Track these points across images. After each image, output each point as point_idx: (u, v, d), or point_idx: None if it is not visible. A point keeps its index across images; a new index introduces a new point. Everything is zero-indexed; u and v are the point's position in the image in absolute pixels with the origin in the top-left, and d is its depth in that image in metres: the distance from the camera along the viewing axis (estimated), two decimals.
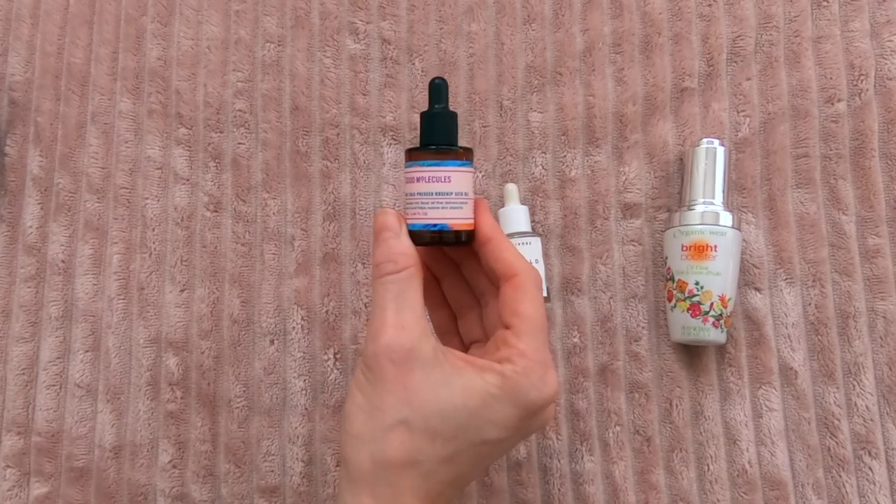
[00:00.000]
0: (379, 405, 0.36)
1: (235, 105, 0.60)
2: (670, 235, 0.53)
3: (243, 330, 0.57)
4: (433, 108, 0.39)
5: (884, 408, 0.52)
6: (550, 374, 0.37)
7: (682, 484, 0.52)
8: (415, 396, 0.35)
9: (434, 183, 0.38)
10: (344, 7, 0.60)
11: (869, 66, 0.55)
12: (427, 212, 0.38)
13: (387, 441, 0.35)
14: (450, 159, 0.38)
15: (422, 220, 0.38)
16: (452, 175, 0.38)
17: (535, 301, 0.38)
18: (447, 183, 0.38)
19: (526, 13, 0.59)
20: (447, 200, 0.38)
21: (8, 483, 0.56)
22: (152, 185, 0.60)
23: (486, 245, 0.39)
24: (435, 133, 0.39)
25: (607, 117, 0.57)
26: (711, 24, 0.57)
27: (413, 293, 0.37)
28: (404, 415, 0.35)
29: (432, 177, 0.38)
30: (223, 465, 0.56)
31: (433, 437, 0.35)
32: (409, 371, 0.35)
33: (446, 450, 0.36)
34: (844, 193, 0.54)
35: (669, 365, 0.54)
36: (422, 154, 0.38)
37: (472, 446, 0.36)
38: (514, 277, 0.38)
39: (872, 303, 0.53)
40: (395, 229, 0.38)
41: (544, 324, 0.38)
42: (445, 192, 0.38)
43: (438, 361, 0.36)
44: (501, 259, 0.39)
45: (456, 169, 0.38)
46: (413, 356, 0.36)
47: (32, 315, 0.59)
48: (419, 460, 0.35)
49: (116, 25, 0.62)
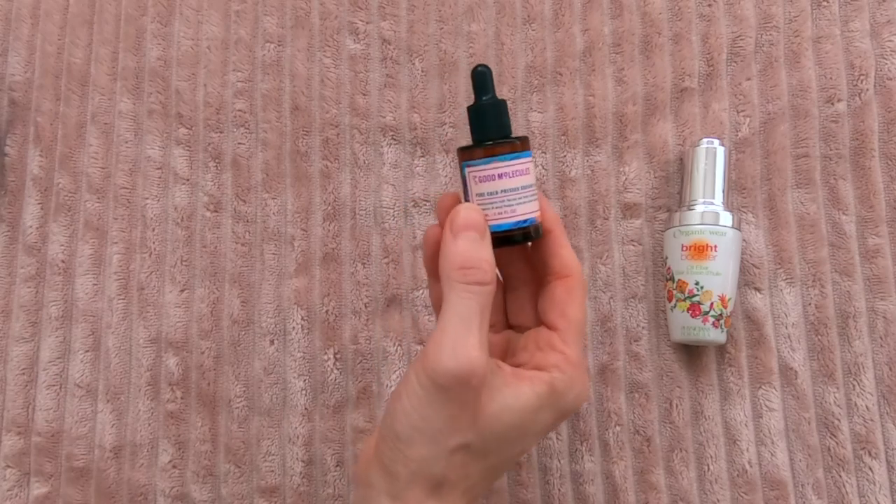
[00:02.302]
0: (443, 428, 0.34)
1: (235, 105, 0.60)
2: (670, 235, 0.53)
3: (243, 330, 0.57)
4: (482, 100, 0.36)
5: (884, 408, 0.52)
6: (587, 377, 0.37)
7: (682, 484, 0.52)
8: (480, 421, 0.34)
9: (519, 177, 0.35)
10: (344, 7, 0.60)
11: (869, 66, 0.55)
12: (516, 208, 0.35)
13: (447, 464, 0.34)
14: (527, 150, 0.36)
15: (510, 219, 0.35)
16: (529, 166, 0.36)
17: (583, 304, 0.37)
18: (526, 175, 0.36)
19: (526, 13, 0.59)
20: (531, 193, 0.36)
21: (8, 483, 0.56)
22: (152, 185, 0.60)
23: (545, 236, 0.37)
24: (501, 125, 0.36)
25: (607, 117, 0.57)
26: (711, 24, 0.57)
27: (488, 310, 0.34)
28: (468, 439, 0.34)
29: (516, 171, 0.35)
30: (223, 465, 0.56)
31: (486, 456, 0.35)
32: (478, 395, 0.33)
33: (494, 464, 0.36)
34: (844, 193, 0.54)
35: (669, 365, 0.54)
36: (503, 148, 0.35)
37: (514, 455, 0.37)
38: (568, 278, 0.37)
39: (872, 303, 0.53)
40: (482, 231, 0.35)
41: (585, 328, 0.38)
42: (528, 185, 0.36)
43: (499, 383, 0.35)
44: (559, 255, 0.37)
45: (530, 160, 0.36)
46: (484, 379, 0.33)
47: (32, 315, 0.59)
48: (470, 478, 0.35)
49: (116, 25, 0.62)
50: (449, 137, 0.58)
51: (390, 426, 0.35)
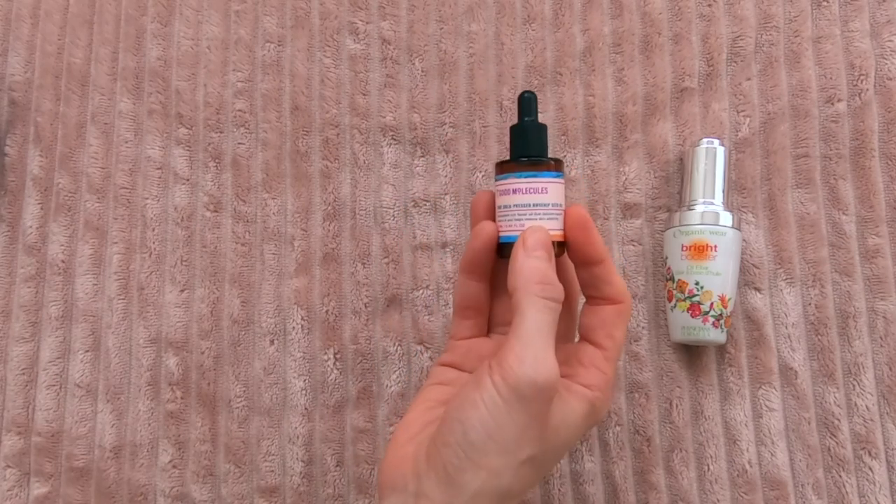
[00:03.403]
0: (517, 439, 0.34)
1: (235, 105, 0.60)
2: (670, 235, 0.53)
3: (243, 330, 0.57)
4: (523, 121, 0.39)
5: (884, 408, 0.52)
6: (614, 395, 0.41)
7: (682, 484, 0.52)
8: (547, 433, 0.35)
9: (531, 194, 0.38)
10: (344, 7, 0.60)
11: (869, 66, 0.55)
12: (524, 223, 0.38)
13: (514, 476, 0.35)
14: (545, 170, 0.38)
15: (517, 232, 0.38)
16: (549, 186, 0.38)
17: (626, 330, 0.40)
18: (544, 194, 0.38)
19: (526, 13, 0.59)
20: (544, 211, 0.38)
21: (8, 483, 0.56)
22: (152, 185, 0.60)
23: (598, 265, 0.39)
24: (529, 145, 0.39)
25: (607, 117, 0.57)
26: (711, 24, 0.57)
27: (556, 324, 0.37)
28: (535, 451, 0.35)
29: (529, 188, 0.38)
30: (223, 465, 0.56)
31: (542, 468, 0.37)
32: (549, 408, 0.35)
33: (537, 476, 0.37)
34: (844, 193, 0.54)
35: (669, 365, 0.54)
36: (517, 166, 0.38)
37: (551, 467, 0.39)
38: (621, 304, 0.40)
39: (872, 303, 0.53)
40: (550, 251, 0.37)
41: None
42: (542, 203, 0.38)
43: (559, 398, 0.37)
44: (613, 283, 0.39)
45: (551, 180, 0.38)
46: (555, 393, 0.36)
47: (32, 315, 0.59)
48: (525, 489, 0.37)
49: (116, 25, 0.62)
50: (449, 137, 0.58)
51: (463, 434, 0.35)
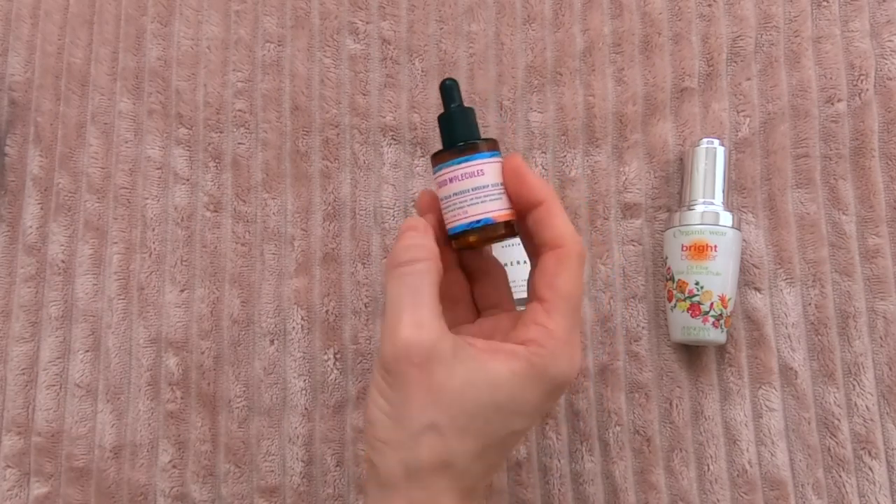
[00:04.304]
0: (405, 410, 0.34)
1: (235, 105, 0.60)
2: (670, 235, 0.53)
3: (243, 330, 0.57)
4: (448, 109, 0.38)
5: (884, 408, 0.52)
6: (575, 355, 0.35)
7: (682, 484, 0.52)
8: (440, 398, 0.34)
9: (468, 179, 0.37)
10: (344, 7, 0.60)
11: (869, 66, 0.55)
12: (467, 210, 0.37)
13: (418, 446, 0.34)
14: (478, 153, 0.37)
15: (463, 220, 0.37)
16: (485, 167, 0.37)
17: (575, 276, 0.35)
18: (480, 176, 0.37)
19: (526, 13, 0.59)
20: (485, 193, 0.37)
21: (8, 483, 0.56)
22: (152, 185, 0.60)
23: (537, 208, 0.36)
24: (456, 132, 0.38)
25: (607, 117, 0.57)
26: (711, 24, 0.57)
27: (429, 288, 0.35)
28: (432, 418, 0.34)
29: (465, 174, 0.37)
30: (223, 465, 0.56)
31: (463, 436, 0.34)
32: (431, 372, 0.34)
33: (477, 446, 0.35)
34: (844, 193, 0.54)
35: (669, 365, 0.54)
36: (449, 154, 0.37)
37: (501, 439, 0.35)
38: (560, 248, 0.35)
39: (872, 303, 0.53)
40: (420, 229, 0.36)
41: (580, 302, 0.35)
42: (481, 186, 0.37)
43: (460, 357, 0.34)
44: (551, 226, 0.36)
45: (486, 161, 0.37)
46: (434, 355, 0.34)
47: (32, 315, 0.59)
48: (452, 462, 0.34)
49: (116, 25, 0.62)
50: None
51: (366, 417, 0.36)
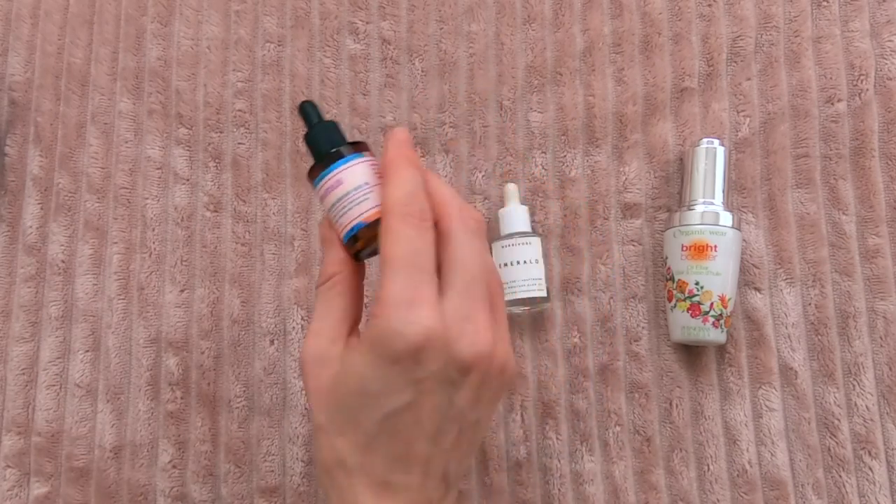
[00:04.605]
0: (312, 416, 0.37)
1: (235, 105, 0.60)
2: (670, 235, 0.53)
3: (243, 330, 0.57)
4: (308, 129, 0.39)
5: (884, 408, 0.52)
6: (415, 310, 0.32)
7: (682, 484, 0.52)
8: (319, 400, 0.36)
9: (332, 191, 0.37)
10: (344, 7, 0.60)
11: (869, 66, 0.55)
12: (340, 221, 0.37)
13: (318, 447, 0.36)
14: (333, 163, 0.37)
15: (344, 230, 0.37)
16: (341, 175, 0.37)
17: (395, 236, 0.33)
18: (341, 185, 0.37)
19: (526, 13, 0.59)
20: (349, 200, 0.37)
21: (8, 483, 0.56)
22: (152, 185, 0.60)
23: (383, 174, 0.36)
24: (316, 149, 0.38)
25: (607, 117, 0.57)
26: (711, 24, 0.57)
27: (337, 299, 0.37)
28: (318, 420, 0.36)
29: (327, 187, 0.37)
30: (223, 465, 0.56)
31: (343, 432, 0.35)
32: (318, 376, 0.36)
33: (360, 438, 0.34)
34: (844, 193, 0.54)
35: (669, 365, 0.54)
36: (313, 172, 0.38)
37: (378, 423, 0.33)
38: (382, 216, 0.35)
39: (872, 303, 0.53)
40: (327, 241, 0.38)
41: (412, 259, 0.33)
42: (343, 194, 0.37)
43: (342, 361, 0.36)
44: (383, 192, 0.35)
45: (342, 168, 0.37)
46: (323, 360, 0.36)
47: (32, 315, 0.59)
48: (343, 458, 0.35)
49: (116, 25, 0.62)
50: (449, 137, 0.58)
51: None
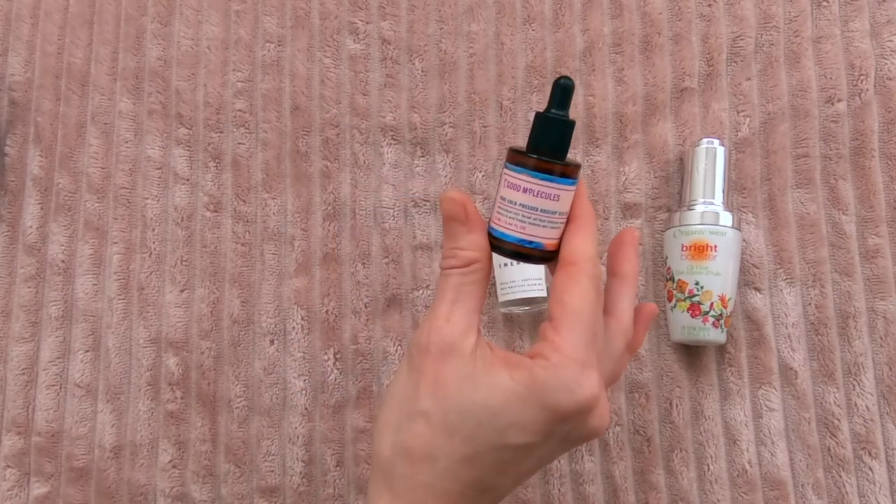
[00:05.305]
0: (409, 394, 0.35)
1: (235, 105, 0.60)
2: (670, 235, 0.53)
3: (243, 330, 0.57)
4: (554, 112, 0.35)
5: (884, 408, 0.52)
6: (588, 375, 0.33)
7: (682, 484, 0.52)
8: (440, 390, 0.34)
9: (541, 199, 0.35)
10: (344, 7, 0.60)
11: (869, 66, 0.55)
12: (526, 226, 0.35)
13: (408, 430, 0.35)
14: (563, 176, 0.35)
15: (517, 233, 0.36)
16: (562, 194, 0.35)
17: (586, 294, 0.34)
18: (555, 201, 0.35)
19: (526, 13, 0.59)
20: (549, 219, 0.35)
21: (8, 483, 0.56)
22: (152, 185, 0.60)
23: (567, 225, 0.36)
24: (552, 142, 0.35)
25: (607, 117, 0.57)
26: (711, 24, 0.57)
27: (472, 287, 0.36)
28: (426, 406, 0.34)
29: (541, 192, 0.35)
30: (223, 465, 0.56)
31: (451, 433, 0.34)
32: (443, 364, 0.34)
33: (465, 448, 0.34)
34: (844, 193, 0.54)
35: (669, 365, 0.54)
36: (535, 163, 0.35)
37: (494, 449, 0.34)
38: (571, 266, 0.35)
39: (872, 303, 0.53)
40: (462, 219, 0.36)
41: (592, 320, 0.34)
42: (550, 211, 0.35)
43: (474, 358, 0.35)
44: (568, 242, 0.36)
45: (566, 188, 0.35)
46: (452, 350, 0.34)
47: (32, 315, 0.59)
48: (436, 456, 0.34)
49: (116, 25, 0.62)
50: (449, 137, 0.58)
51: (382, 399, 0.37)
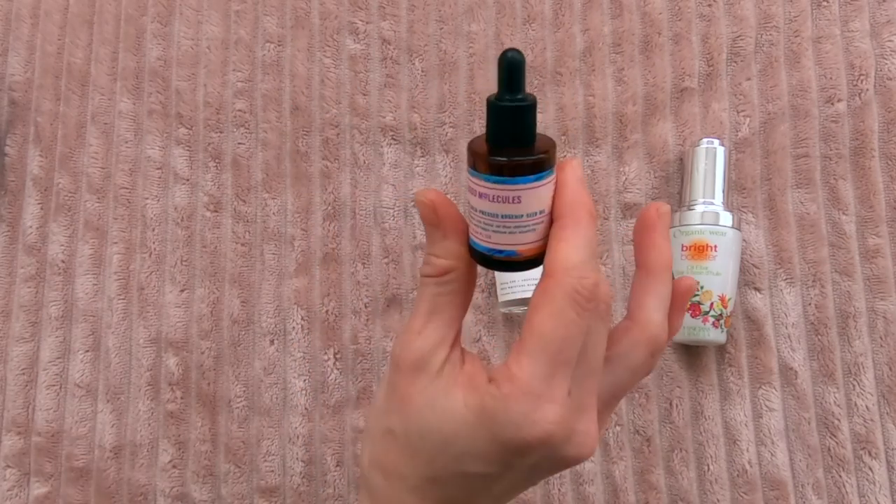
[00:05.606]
0: (382, 408, 0.34)
1: (235, 105, 0.60)
2: (670, 235, 0.53)
3: (243, 330, 0.57)
4: (506, 99, 0.28)
5: (884, 408, 0.52)
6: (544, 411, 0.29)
7: (682, 484, 0.52)
8: (405, 408, 0.32)
9: (499, 203, 0.30)
10: (344, 7, 0.60)
11: (869, 66, 0.55)
12: (490, 235, 0.31)
13: (380, 445, 0.34)
14: (519, 175, 0.29)
15: (485, 243, 0.31)
16: (523, 195, 0.30)
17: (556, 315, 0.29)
18: (516, 204, 0.30)
19: (526, 13, 0.59)
20: (516, 224, 0.30)
21: (8, 483, 0.56)
22: (152, 185, 0.60)
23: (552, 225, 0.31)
24: (508, 135, 0.29)
25: (607, 117, 0.57)
26: (711, 24, 0.57)
27: (448, 298, 0.32)
28: (394, 424, 0.33)
29: (497, 196, 0.30)
30: (223, 465, 0.56)
31: (413, 454, 0.33)
32: (411, 381, 0.32)
33: (427, 471, 0.33)
34: (844, 193, 0.54)
35: (669, 365, 0.54)
36: (486, 166, 0.29)
37: (454, 475, 0.32)
38: (547, 278, 0.30)
39: (872, 303, 0.53)
40: (434, 223, 0.32)
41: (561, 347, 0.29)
42: (513, 215, 0.30)
43: (440, 376, 0.32)
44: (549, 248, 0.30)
45: (528, 186, 0.29)
46: (420, 366, 0.32)
47: (32, 315, 0.59)
48: (404, 474, 0.33)
49: (116, 25, 0.62)
50: (449, 137, 0.58)
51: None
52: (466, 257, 0.32)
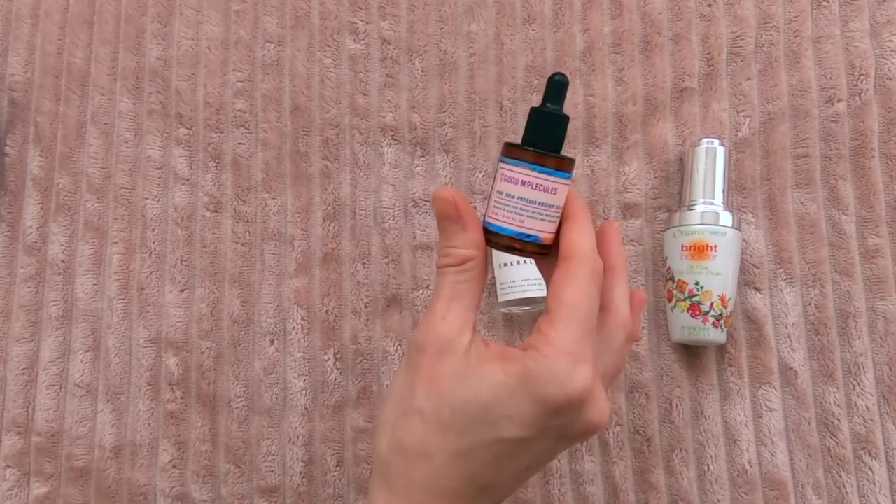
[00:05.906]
0: (405, 392, 0.36)
1: (235, 105, 0.60)
2: (670, 235, 0.53)
3: (243, 330, 0.57)
4: (548, 107, 0.36)
5: (884, 408, 0.52)
6: (580, 369, 0.33)
7: (682, 484, 0.52)
8: (435, 387, 0.35)
9: (539, 192, 0.35)
10: (344, 7, 0.60)
11: (869, 66, 0.55)
12: (524, 219, 0.36)
13: (403, 428, 0.35)
14: (561, 170, 0.35)
15: (515, 226, 0.36)
16: (559, 187, 0.36)
17: (582, 289, 0.35)
18: (553, 195, 0.36)
19: (526, 13, 0.59)
20: (547, 212, 0.36)
21: (8, 483, 0.56)
22: (152, 185, 0.60)
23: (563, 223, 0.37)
24: (549, 136, 0.36)
25: (607, 117, 0.57)
26: (711, 24, 0.57)
27: (467, 285, 0.36)
28: (421, 404, 0.35)
29: (539, 184, 0.35)
30: (223, 465, 0.56)
31: (445, 430, 0.35)
32: (439, 362, 0.35)
33: (459, 444, 0.35)
34: (844, 193, 0.54)
35: (669, 365, 0.54)
36: (533, 156, 0.35)
37: (488, 444, 0.35)
38: (569, 260, 0.35)
39: (872, 303, 0.53)
40: (454, 217, 0.36)
41: (588, 315, 0.34)
42: (548, 204, 0.36)
43: (468, 354, 0.35)
44: (567, 238, 0.36)
45: (563, 181, 0.36)
46: (447, 347, 0.35)
47: (32, 315, 0.59)
48: (431, 453, 0.35)
49: (116, 25, 0.62)
50: (449, 137, 0.58)
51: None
52: (483, 247, 0.37)
